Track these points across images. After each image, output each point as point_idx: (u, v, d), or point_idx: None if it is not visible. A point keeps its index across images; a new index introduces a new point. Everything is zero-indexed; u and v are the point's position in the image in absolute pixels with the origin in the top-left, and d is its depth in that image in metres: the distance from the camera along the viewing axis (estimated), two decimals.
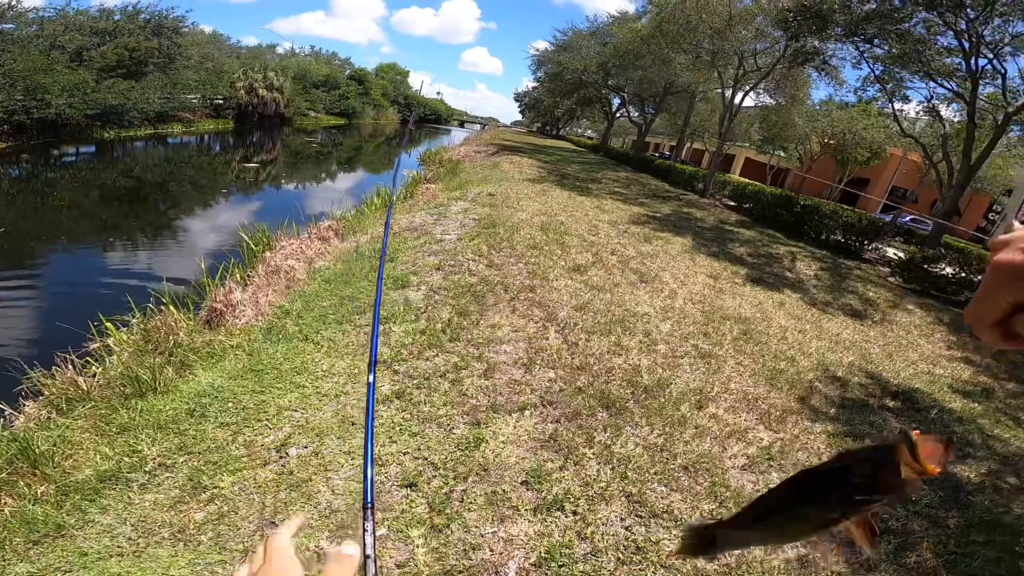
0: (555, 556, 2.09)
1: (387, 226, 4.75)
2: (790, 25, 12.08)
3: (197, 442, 2.58)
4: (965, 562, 2.48)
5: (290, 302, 4.17)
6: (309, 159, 25.01)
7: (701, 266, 6.88)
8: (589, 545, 2.19)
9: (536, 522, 2.26)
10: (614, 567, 2.10)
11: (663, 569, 2.13)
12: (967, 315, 0.35)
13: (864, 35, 11.18)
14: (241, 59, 36.11)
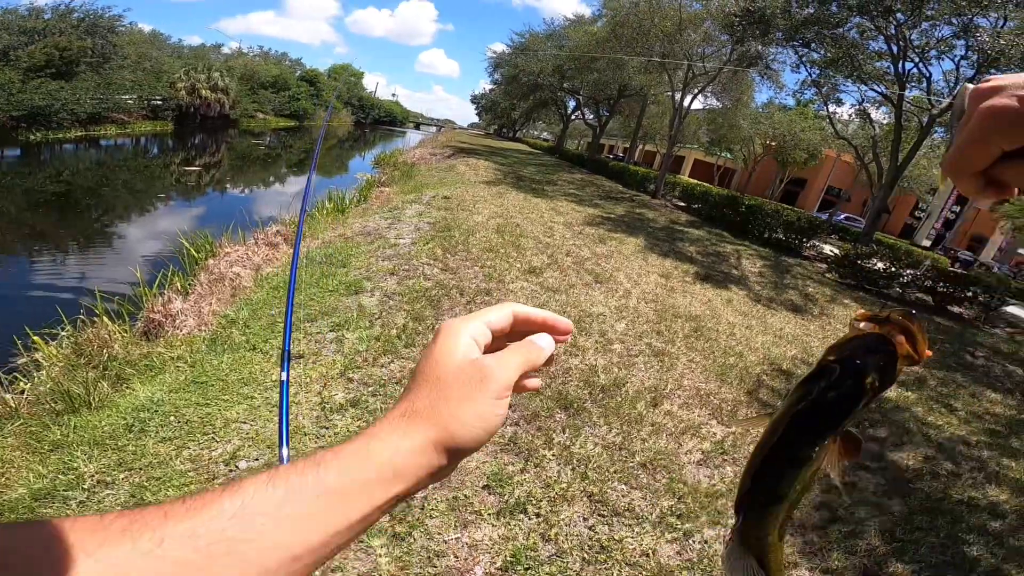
0: (520, 559, 2.09)
1: (298, 239, 4.62)
2: (736, 29, 12.66)
3: (138, 458, 2.43)
4: (912, 549, 2.61)
5: (236, 311, 3.99)
6: (256, 162, 24.09)
7: (653, 266, 7.08)
8: (554, 547, 2.20)
9: (500, 526, 2.25)
10: (580, 567, 2.12)
11: (628, 567, 2.16)
12: (946, 165, 0.33)
13: (803, 39, 11.85)
14: (183, 59, 34.69)
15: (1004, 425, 4.44)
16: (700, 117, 24.56)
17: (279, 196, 13.34)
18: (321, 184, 17.11)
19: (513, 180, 13.51)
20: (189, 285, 4.85)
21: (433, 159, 19.06)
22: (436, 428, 0.33)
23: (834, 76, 12.81)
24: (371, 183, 12.42)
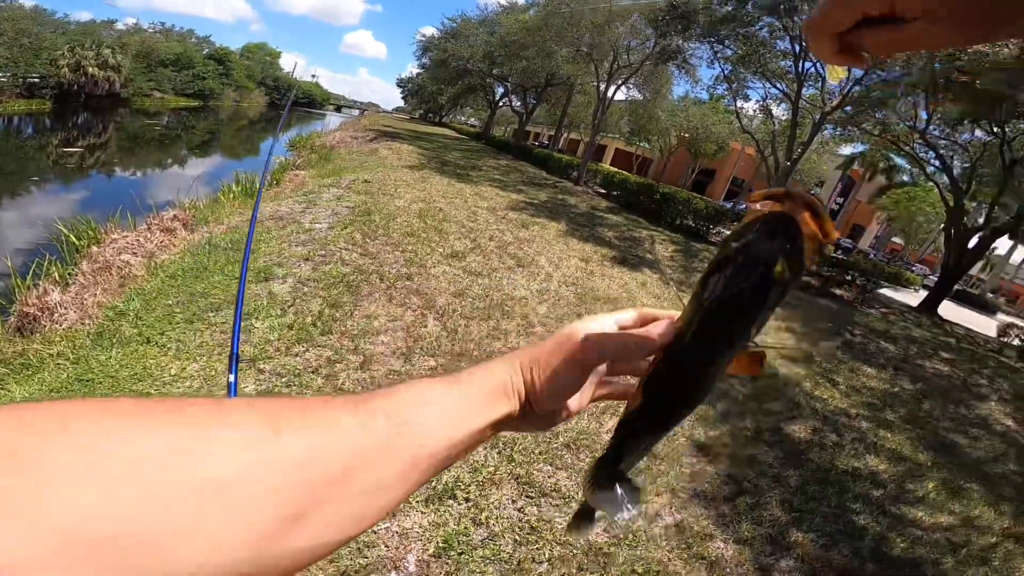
0: (453, 545, 2.09)
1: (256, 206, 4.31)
2: (660, 24, 13.18)
3: None
4: (808, 518, 2.84)
5: (125, 302, 3.62)
6: (151, 143, 21.88)
7: (574, 250, 7.27)
8: (485, 530, 2.21)
9: (429, 513, 2.23)
10: (512, 549, 2.15)
11: (559, 546, 2.21)
12: (808, 24, 0.32)
13: (718, 36, 12.57)
14: (68, 35, 31.10)
15: (879, 398, 4.93)
16: (622, 108, 25.39)
17: (177, 179, 12.18)
18: (228, 166, 15.88)
19: (437, 165, 13.28)
20: (69, 275, 4.35)
21: (354, 142, 18.26)
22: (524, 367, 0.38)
23: (743, 73, 13.74)
24: (285, 166, 11.69)
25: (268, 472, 0.25)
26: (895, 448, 3.96)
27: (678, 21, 12.71)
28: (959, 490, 3.58)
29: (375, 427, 0.30)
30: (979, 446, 4.49)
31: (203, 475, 0.22)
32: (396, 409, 0.32)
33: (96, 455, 0.20)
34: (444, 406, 0.34)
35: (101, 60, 29.66)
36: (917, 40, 0.31)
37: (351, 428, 0.29)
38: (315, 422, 0.28)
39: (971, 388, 6.08)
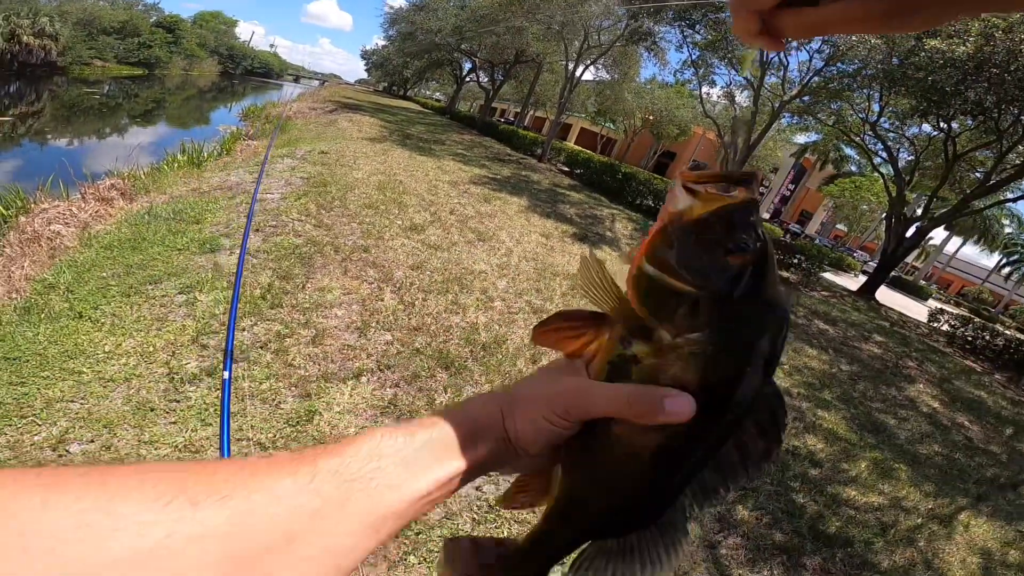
0: (410, 524, 2.08)
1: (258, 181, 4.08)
2: (633, 3, 13.10)
3: None
4: (752, 496, 2.91)
5: (55, 274, 3.39)
6: (88, 113, 20.47)
7: (535, 225, 7.27)
8: (442, 509, 2.20)
9: None
10: (471, 527, 2.15)
11: (517, 524, 2.23)
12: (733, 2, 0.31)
13: (690, 20, 12.60)
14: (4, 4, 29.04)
15: (818, 378, 5.14)
16: (590, 88, 25.32)
17: (117, 148, 11.39)
18: (173, 136, 14.99)
19: (399, 138, 12.93)
20: None
21: (312, 113, 17.53)
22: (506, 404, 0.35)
23: (710, 58, 13.88)
24: (236, 136, 11.13)
25: (182, 548, 0.23)
26: (831, 428, 4.14)
27: (651, 2, 12.69)
28: (888, 470, 3.77)
29: (319, 488, 0.28)
30: (907, 427, 4.74)
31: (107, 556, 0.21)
32: (345, 466, 0.30)
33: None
34: (402, 457, 0.31)
35: (38, 28, 28.57)
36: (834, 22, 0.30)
37: (290, 491, 0.27)
38: (244, 488, 0.26)
39: (902, 371, 6.46)
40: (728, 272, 0.28)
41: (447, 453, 0.33)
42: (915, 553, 2.94)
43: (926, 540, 3.09)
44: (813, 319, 7.48)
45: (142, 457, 2.20)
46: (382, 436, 0.32)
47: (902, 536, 3.05)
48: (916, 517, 3.29)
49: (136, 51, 43.19)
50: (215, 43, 63.56)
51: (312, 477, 0.28)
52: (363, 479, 0.30)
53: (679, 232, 0.29)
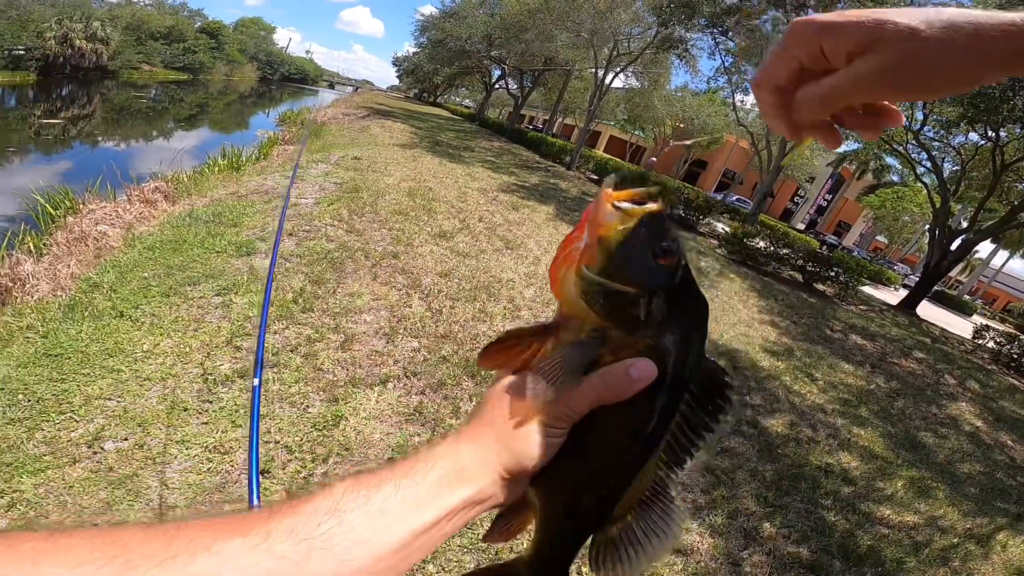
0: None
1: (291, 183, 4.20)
2: (663, 11, 12.98)
3: None
4: (781, 513, 2.85)
5: (100, 273, 3.52)
6: (136, 116, 21.44)
7: (563, 234, 7.12)
8: None
9: None
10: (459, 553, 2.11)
11: None
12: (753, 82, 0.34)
13: (722, 27, 12.41)
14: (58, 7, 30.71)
15: (854, 395, 4.96)
16: (619, 95, 25.20)
17: (161, 151, 11.88)
18: (215, 140, 15.53)
19: (429, 144, 13.09)
20: (44, 245, 4.24)
21: (346, 119, 17.93)
22: (493, 439, 0.34)
23: (744, 66, 13.63)
24: (273, 140, 11.46)
25: None
26: (867, 445, 4.00)
27: (682, 10, 12.52)
28: (925, 489, 3.62)
29: (273, 547, 0.26)
30: (947, 445, 4.54)
31: None
32: (303, 524, 0.27)
33: None
34: (368, 511, 0.29)
35: (90, 32, 29.67)
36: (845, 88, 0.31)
37: (239, 552, 0.25)
38: (186, 551, 0.24)
39: (943, 388, 6.17)
40: (661, 272, 0.34)
41: (419, 501, 0.31)
42: (948, 573, 2.84)
43: (961, 560, 2.98)
44: (850, 334, 7.21)
45: (172, 457, 2.25)
46: (343, 490, 0.30)
47: (936, 555, 2.94)
48: (952, 536, 3.18)
49: (181, 56, 44.71)
50: (255, 49, 65.79)
51: (265, 537, 0.26)
52: (323, 536, 0.27)
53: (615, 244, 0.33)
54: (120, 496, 2.01)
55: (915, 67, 0.29)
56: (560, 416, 0.35)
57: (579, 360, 0.35)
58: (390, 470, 0.32)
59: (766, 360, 5.03)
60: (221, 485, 2.15)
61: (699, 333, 0.36)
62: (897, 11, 0.30)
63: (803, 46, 0.32)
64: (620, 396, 0.34)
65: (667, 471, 0.37)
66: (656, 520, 0.37)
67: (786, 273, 9.90)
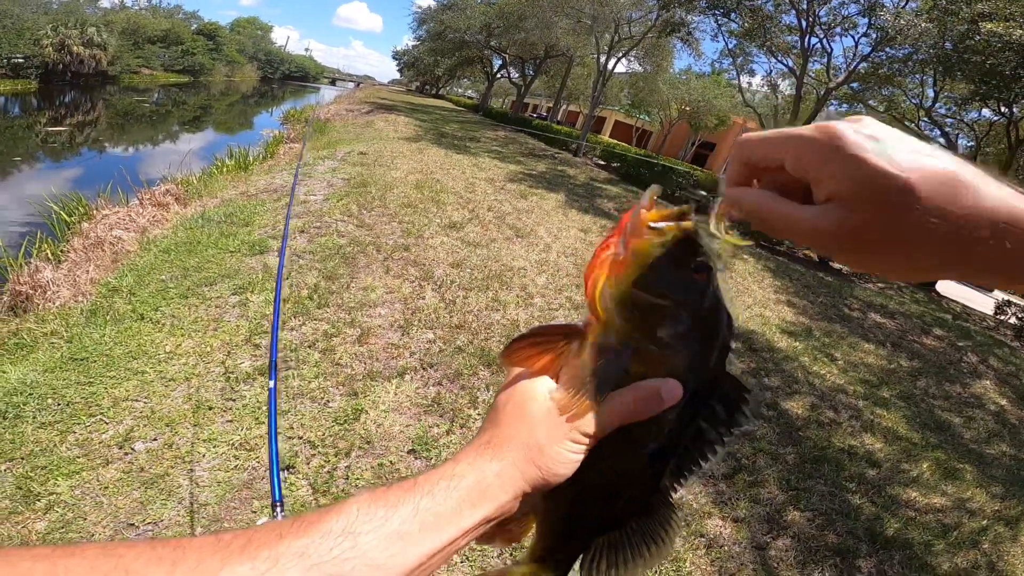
0: None
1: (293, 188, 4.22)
2: None
3: (16, 447, 2.17)
4: (804, 497, 2.81)
5: (118, 278, 3.57)
6: (140, 120, 21.57)
7: (573, 221, 7.18)
8: None
9: None
10: None
11: None
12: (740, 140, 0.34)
13: (724, 9, 12.17)
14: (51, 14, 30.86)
15: (875, 375, 4.86)
16: (622, 80, 24.89)
17: (169, 154, 11.95)
18: (221, 141, 15.60)
19: (435, 136, 13.05)
20: (61, 252, 4.31)
21: (350, 115, 17.91)
22: (521, 455, 0.34)
23: (748, 47, 13.37)
24: (278, 139, 11.49)
25: None
26: (890, 427, 3.93)
27: None
28: (952, 471, 3.56)
29: (282, 573, 0.25)
30: (973, 426, 4.45)
31: None
32: (313, 546, 0.26)
33: None
34: (384, 533, 0.28)
35: (86, 38, 29.34)
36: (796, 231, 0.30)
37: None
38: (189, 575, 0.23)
39: (966, 366, 6.06)
40: (694, 287, 0.34)
41: (438, 522, 0.30)
42: (978, 555, 2.80)
43: (991, 542, 2.93)
44: (868, 312, 7.11)
45: (201, 455, 2.28)
46: (358, 510, 0.29)
47: (965, 538, 2.89)
48: (981, 519, 3.12)
49: (180, 59, 44.58)
50: (253, 49, 65.66)
51: (274, 562, 0.25)
52: (336, 560, 0.26)
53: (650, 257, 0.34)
54: (153, 496, 2.05)
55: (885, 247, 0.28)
56: (590, 434, 0.35)
57: (613, 374, 0.35)
58: (411, 487, 0.31)
59: (783, 341, 4.96)
60: (249, 482, 2.19)
61: (724, 348, 0.36)
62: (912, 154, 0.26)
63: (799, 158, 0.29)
64: (648, 415, 0.35)
65: (672, 481, 0.38)
66: (655, 528, 0.38)
67: (800, 252, 9.77)
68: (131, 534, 1.91)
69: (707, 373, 0.36)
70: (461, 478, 0.32)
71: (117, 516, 1.95)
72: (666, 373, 0.35)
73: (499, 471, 0.33)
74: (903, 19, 9.32)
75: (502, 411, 0.36)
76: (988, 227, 0.25)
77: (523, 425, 0.35)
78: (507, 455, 0.34)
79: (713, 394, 0.36)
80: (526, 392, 0.36)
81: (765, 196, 0.32)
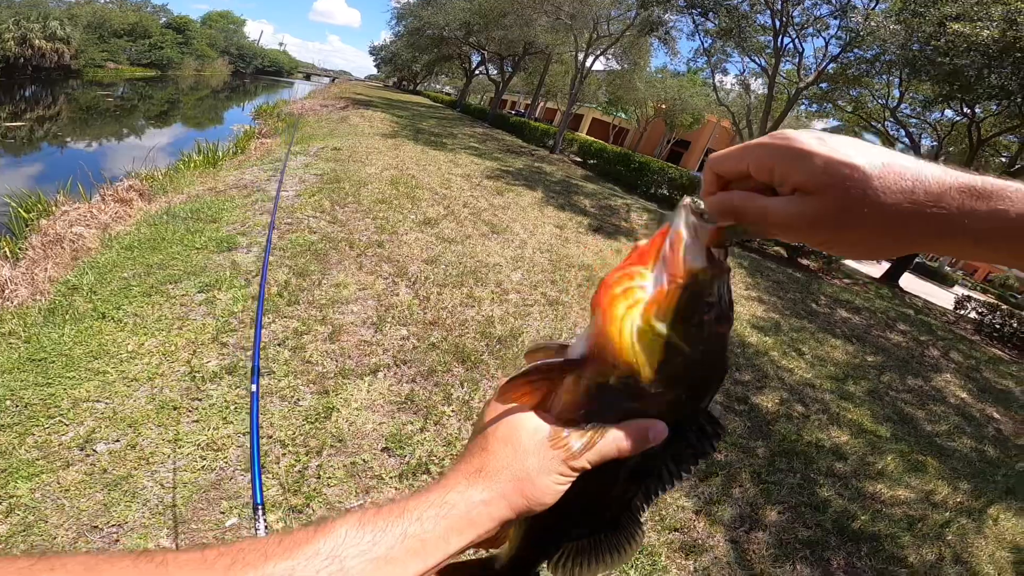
0: None
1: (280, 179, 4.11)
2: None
3: None
4: (776, 490, 2.87)
5: (78, 275, 3.44)
6: (104, 115, 20.80)
7: (549, 217, 7.21)
8: None
9: (403, 489, 2.21)
10: None
11: None
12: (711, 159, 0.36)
13: (701, 8, 12.33)
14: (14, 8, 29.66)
15: (842, 369, 5.00)
16: (600, 78, 25.03)
17: (134, 150, 11.56)
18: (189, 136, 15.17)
19: (411, 133, 12.93)
20: (19, 250, 4.14)
21: (324, 110, 17.61)
22: (511, 486, 0.34)
23: (723, 46, 13.59)
24: (249, 134, 11.23)
25: None
26: (856, 420, 4.02)
27: None
28: (916, 464, 3.66)
29: None
30: (935, 419, 4.59)
31: None
32: (300, 568, 0.26)
33: None
34: (372, 557, 0.29)
35: (49, 32, 28.61)
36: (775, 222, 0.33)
37: None
38: None
39: (928, 360, 6.27)
40: (717, 338, 0.35)
41: (425, 548, 0.31)
42: (943, 547, 2.87)
43: (955, 534, 3.01)
44: (836, 308, 7.32)
45: (165, 456, 2.23)
46: (346, 533, 0.29)
47: (930, 530, 2.97)
48: (945, 511, 3.20)
49: (148, 52, 43.52)
50: (225, 43, 64.24)
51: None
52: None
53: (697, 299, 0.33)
54: (116, 498, 1.99)
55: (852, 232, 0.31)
56: (578, 468, 0.36)
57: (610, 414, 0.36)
58: (400, 512, 0.31)
59: (754, 336, 5.08)
60: (216, 482, 2.14)
61: (714, 393, 0.38)
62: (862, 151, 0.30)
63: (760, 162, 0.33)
64: (633, 453, 0.36)
65: (641, 502, 0.41)
66: (621, 540, 0.41)
67: (771, 249, 10.00)
68: (95, 536, 1.86)
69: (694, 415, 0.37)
70: (451, 507, 0.33)
71: (80, 519, 1.89)
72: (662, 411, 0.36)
73: (488, 500, 0.34)
74: (873, 20, 9.58)
75: (492, 437, 0.37)
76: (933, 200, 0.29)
77: (514, 455, 0.35)
78: (496, 486, 0.34)
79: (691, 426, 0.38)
80: (517, 420, 0.37)
81: (742, 195, 0.34)
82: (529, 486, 0.35)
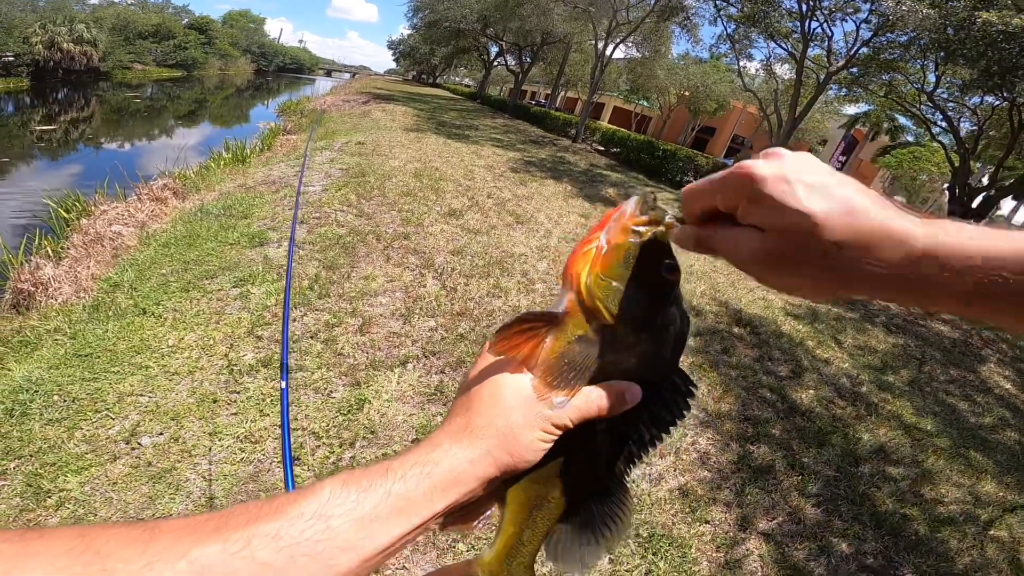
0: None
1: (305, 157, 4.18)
2: None
3: (25, 444, 2.17)
4: (810, 483, 2.78)
5: (119, 272, 3.56)
6: (135, 116, 21.42)
7: (574, 206, 7.15)
8: None
9: None
10: None
11: None
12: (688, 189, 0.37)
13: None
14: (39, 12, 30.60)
15: (881, 359, 4.77)
16: (620, 66, 24.64)
17: (164, 149, 11.88)
18: (217, 134, 15.50)
19: (433, 125, 12.95)
20: (61, 249, 4.29)
21: (346, 106, 17.77)
22: (494, 442, 0.35)
23: (748, 31, 13.18)
24: (275, 131, 11.41)
25: None
26: (896, 412, 3.88)
27: None
28: (961, 458, 3.51)
29: (255, 554, 0.26)
30: (981, 411, 4.38)
31: None
32: (285, 528, 0.27)
33: None
34: (357, 516, 0.29)
35: (76, 35, 29.21)
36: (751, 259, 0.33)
37: (218, 559, 0.25)
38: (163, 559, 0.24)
39: (972, 350, 6.01)
40: (666, 285, 0.39)
41: (409, 506, 0.31)
42: (990, 545, 2.76)
43: (1002, 530, 2.90)
44: None
45: (207, 449, 2.28)
46: (331, 493, 0.30)
47: (975, 528, 2.86)
48: (990, 508, 3.08)
49: (173, 53, 44.41)
50: (246, 41, 65.41)
51: (246, 543, 0.26)
52: (308, 542, 0.27)
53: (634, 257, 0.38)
54: (161, 490, 2.05)
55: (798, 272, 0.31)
56: (561, 425, 0.36)
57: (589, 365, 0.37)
58: (384, 472, 0.32)
59: (788, 325, 4.94)
60: (255, 474, 2.19)
61: (681, 344, 0.40)
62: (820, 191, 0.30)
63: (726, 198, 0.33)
64: (612, 413, 0.38)
65: (625, 465, 0.42)
66: (613, 510, 0.41)
67: None
68: None
69: (666, 368, 0.40)
70: (435, 464, 0.33)
71: (127, 511, 1.95)
72: (634, 362, 0.38)
73: (473, 458, 0.34)
74: (904, 5, 9.18)
75: (476, 396, 0.37)
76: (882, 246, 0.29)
77: (499, 412, 0.36)
78: (481, 442, 0.35)
79: (665, 385, 0.40)
80: (500, 378, 0.37)
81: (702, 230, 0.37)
82: (514, 442, 0.35)
